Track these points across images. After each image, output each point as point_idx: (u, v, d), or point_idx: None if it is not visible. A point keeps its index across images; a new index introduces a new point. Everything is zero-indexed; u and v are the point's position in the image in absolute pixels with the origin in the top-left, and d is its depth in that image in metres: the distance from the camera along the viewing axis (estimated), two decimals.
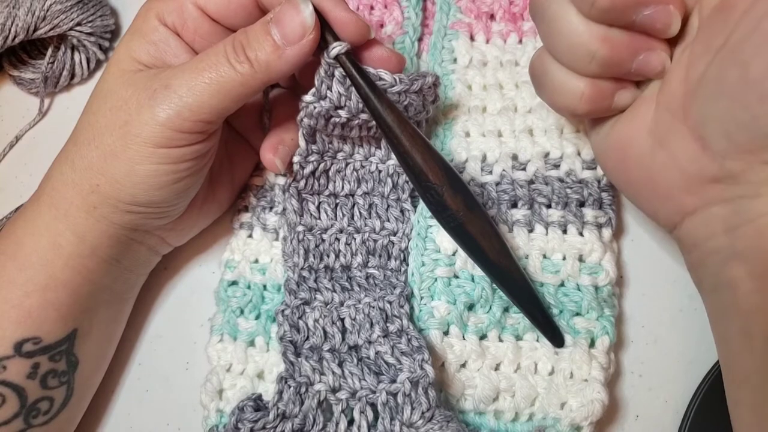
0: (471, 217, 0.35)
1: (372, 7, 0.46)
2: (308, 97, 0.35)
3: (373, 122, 0.36)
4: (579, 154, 0.41)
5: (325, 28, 0.34)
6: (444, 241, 0.39)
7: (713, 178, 0.31)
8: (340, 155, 0.40)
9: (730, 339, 0.32)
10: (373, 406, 0.34)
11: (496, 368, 0.38)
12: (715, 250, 0.32)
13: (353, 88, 0.35)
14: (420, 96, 0.37)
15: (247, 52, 0.34)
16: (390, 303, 0.37)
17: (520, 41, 0.45)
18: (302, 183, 0.39)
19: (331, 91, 0.35)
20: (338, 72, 0.35)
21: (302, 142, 0.38)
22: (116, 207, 0.36)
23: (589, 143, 0.41)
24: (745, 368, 0.31)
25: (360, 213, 0.40)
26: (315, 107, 0.35)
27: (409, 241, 0.40)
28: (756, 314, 0.30)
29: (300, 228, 0.39)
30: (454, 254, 0.39)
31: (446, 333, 0.38)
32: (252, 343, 0.41)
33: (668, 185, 0.32)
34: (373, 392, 0.34)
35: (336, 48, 0.34)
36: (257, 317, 0.41)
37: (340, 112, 0.36)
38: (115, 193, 0.36)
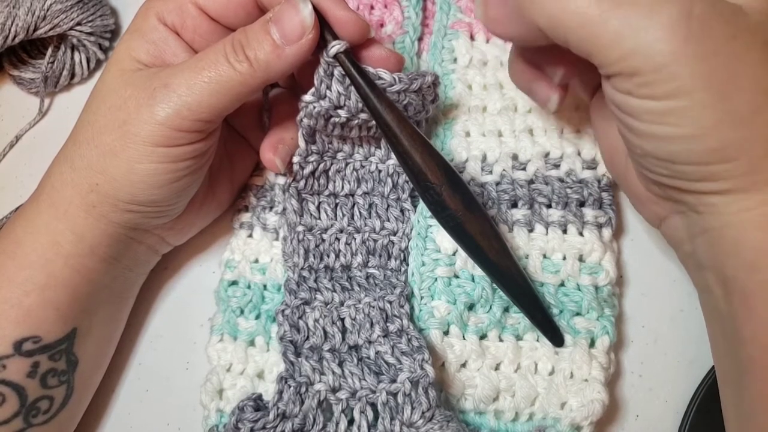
0: (470, 216, 0.35)
1: (372, 7, 0.46)
2: (308, 97, 0.35)
3: (373, 122, 0.36)
4: (579, 154, 0.41)
5: (324, 28, 0.34)
6: (444, 240, 0.39)
7: (662, 196, 0.32)
8: (339, 155, 0.40)
9: (715, 338, 0.33)
10: (373, 405, 0.34)
11: (496, 368, 0.38)
12: (688, 254, 0.33)
13: (352, 88, 0.35)
14: (419, 95, 0.37)
15: (246, 52, 0.34)
16: (390, 303, 0.37)
17: None
18: (302, 183, 0.39)
19: (331, 90, 0.35)
20: (337, 71, 0.35)
21: (302, 143, 0.38)
22: (115, 206, 0.36)
23: (589, 143, 0.41)
24: (728, 367, 0.32)
25: (360, 213, 0.40)
26: (314, 107, 0.35)
27: (409, 240, 0.40)
28: (728, 320, 0.30)
29: (300, 228, 0.39)
30: (454, 254, 0.39)
31: (446, 333, 0.38)
32: (252, 343, 0.41)
33: (639, 193, 0.34)
34: (373, 392, 0.34)
35: (335, 47, 0.34)
36: (257, 317, 0.41)
37: (340, 111, 0.36)
38: (114, 192, 0.36)
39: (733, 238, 0.29)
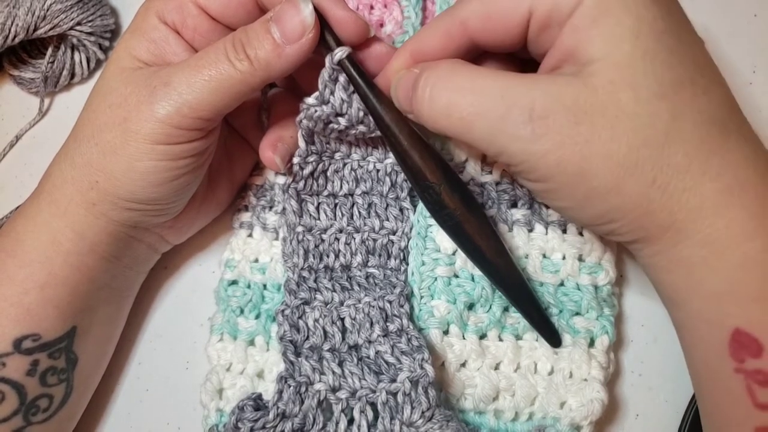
0: (468, 216, 0.35)
1: (372, 7, 0.46)
2: (310, 100, 0.35)
3: (371, 126, 0.36)
4: None
5: (324, 28, 0.35)
6: (444, 240, 0.39)
7: None
8: (337, 155, 0.40)
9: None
10: (373, 405, 0.34)
11: (496, 368, 0.38)
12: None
13: (355, 95, 0.35)
14: None
15: (247, 50, 0.34)
16: (390, 302, 0.37)
17: None
18: (301, 184, 0.39)
19: (334, 96, 0.35)
20: (342, 78, 0.35)
21: (302, 143, 0.38)
22: (115, 204, 0.36)
23: None
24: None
25: (359, 212, 0.40)
26: (316, 110, 0.35)
27: (408, 240, 0.40)
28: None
29: (299, 228, 0.39)
30: (454, 253, 0.39)
31: (446, 332, 0.38)
32: (252, 343, 0.41)
33: None
34: (373, 392, 0.34)
35: (339, 53, 0.34)
36: (257, 317, 0.41)
37: (340, 119, 0.36)
38: (114, 189, 0.36)
39: (653, 278, 0.33)
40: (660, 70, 0.28)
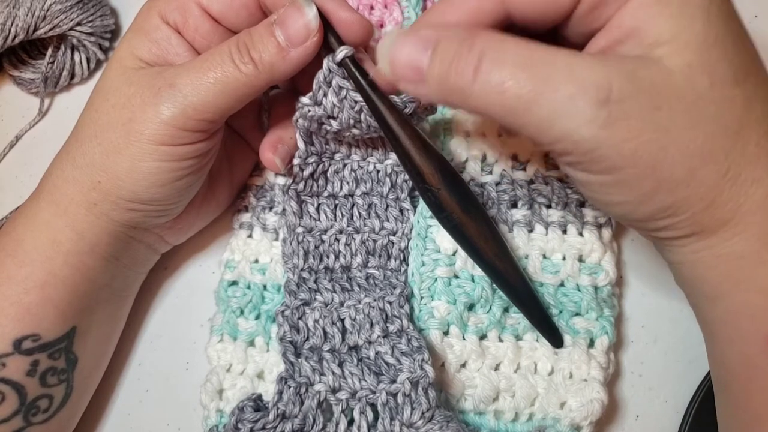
0: (470, 217, 0.35)
1: (372, 7, 0.46)
2: (305, 100, 0.36)
3: (368, 127, 0.36)
4: None
5: (328, 30, 0.35)
6: (444, 240, 0.39)
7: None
8: (337, 156, 0.40)
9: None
10: (373, 406, 0.34)
11: (496, 368, 0.38)
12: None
13: (349, 96, 0.35)
14: None
15: (251, 53, 0.34)
16: (390, 303, 0.37)
17: None
18: (301, 185, 0.39)
19: (327, 98, 0.35)
20: (335, 81, 0.35)
21: (301, 143, 0.38)
22: (117, 204, 0.36)
23: None
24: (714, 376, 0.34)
25: (359, 213, 0.40)
26: (309, 110, 0.36)
27: (408, 240, 0.40)
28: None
29: (299, 230, 0.39)
30: (454, 254, 0.39)
31: (446, 333, 0.38)
32: (252, 343, 0.41)
33: None
34: (373, 392, 0.34)
35: (342, 52, 0.34)
36: (257, 317, 0.41)
37: (332, 122, 0.36)
38: (117, 189, 0.36)
39: (690, 274, 0.31)
40: (731, 55, 0.27)
